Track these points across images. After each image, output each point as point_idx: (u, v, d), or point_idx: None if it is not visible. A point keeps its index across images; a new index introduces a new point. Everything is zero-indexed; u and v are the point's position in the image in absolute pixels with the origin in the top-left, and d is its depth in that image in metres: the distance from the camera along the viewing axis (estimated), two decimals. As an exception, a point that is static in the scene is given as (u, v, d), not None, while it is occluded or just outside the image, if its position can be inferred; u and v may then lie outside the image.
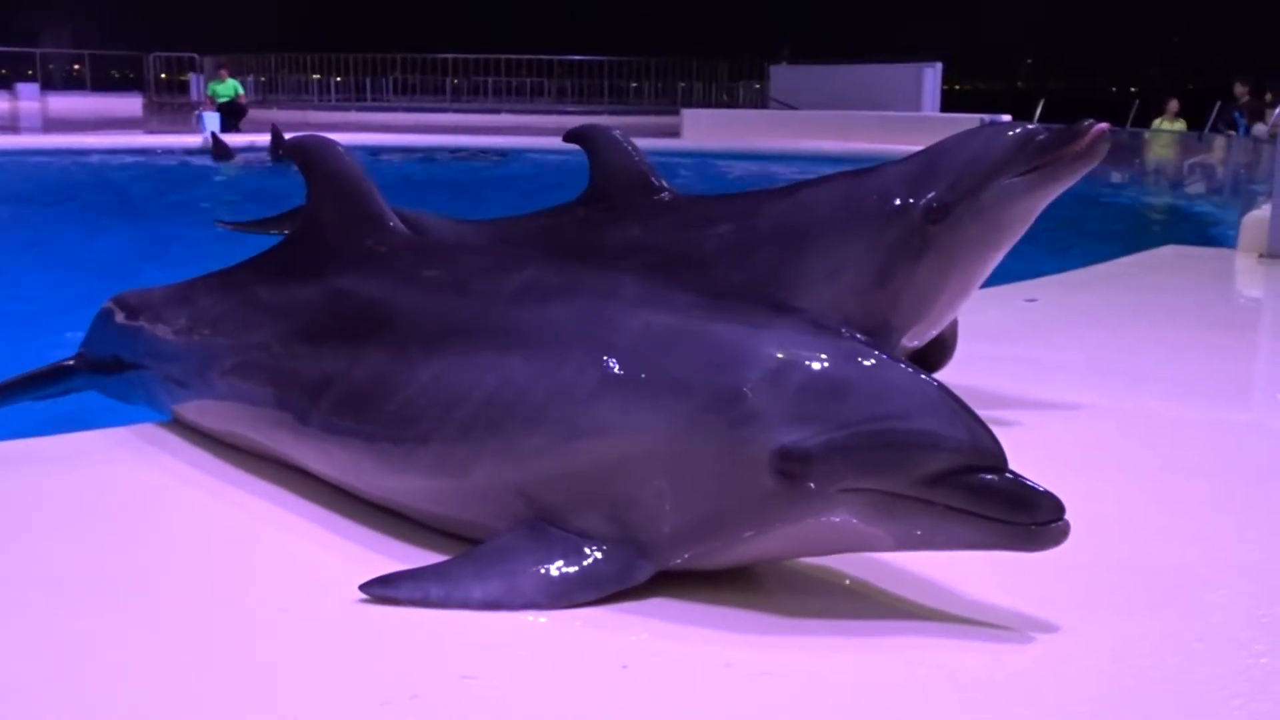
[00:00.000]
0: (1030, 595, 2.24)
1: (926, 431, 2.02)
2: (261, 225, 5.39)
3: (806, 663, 2.02)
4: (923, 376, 2.13)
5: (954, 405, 2.07)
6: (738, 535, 2.16)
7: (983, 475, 2.00)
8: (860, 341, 2.17)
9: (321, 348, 2.71)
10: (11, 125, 26.75)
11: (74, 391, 3.67)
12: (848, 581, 2.32)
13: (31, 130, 25.24)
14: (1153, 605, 2.28)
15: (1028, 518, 1.99)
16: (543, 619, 2.14)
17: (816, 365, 2.10)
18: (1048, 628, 2.13)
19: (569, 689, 1.94)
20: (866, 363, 2.10)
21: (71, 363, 3.64)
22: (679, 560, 2.22)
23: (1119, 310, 5.66)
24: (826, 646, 2.08)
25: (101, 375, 3.56)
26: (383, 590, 2.19)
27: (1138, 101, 22.15)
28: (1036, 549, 2.02)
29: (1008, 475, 2.01)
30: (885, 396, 2.06)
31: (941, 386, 2.11)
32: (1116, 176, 16.18)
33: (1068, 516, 2.01)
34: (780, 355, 2.12)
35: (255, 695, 1.92)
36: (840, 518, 2.06)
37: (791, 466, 2.04)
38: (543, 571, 2.19)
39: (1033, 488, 2.00)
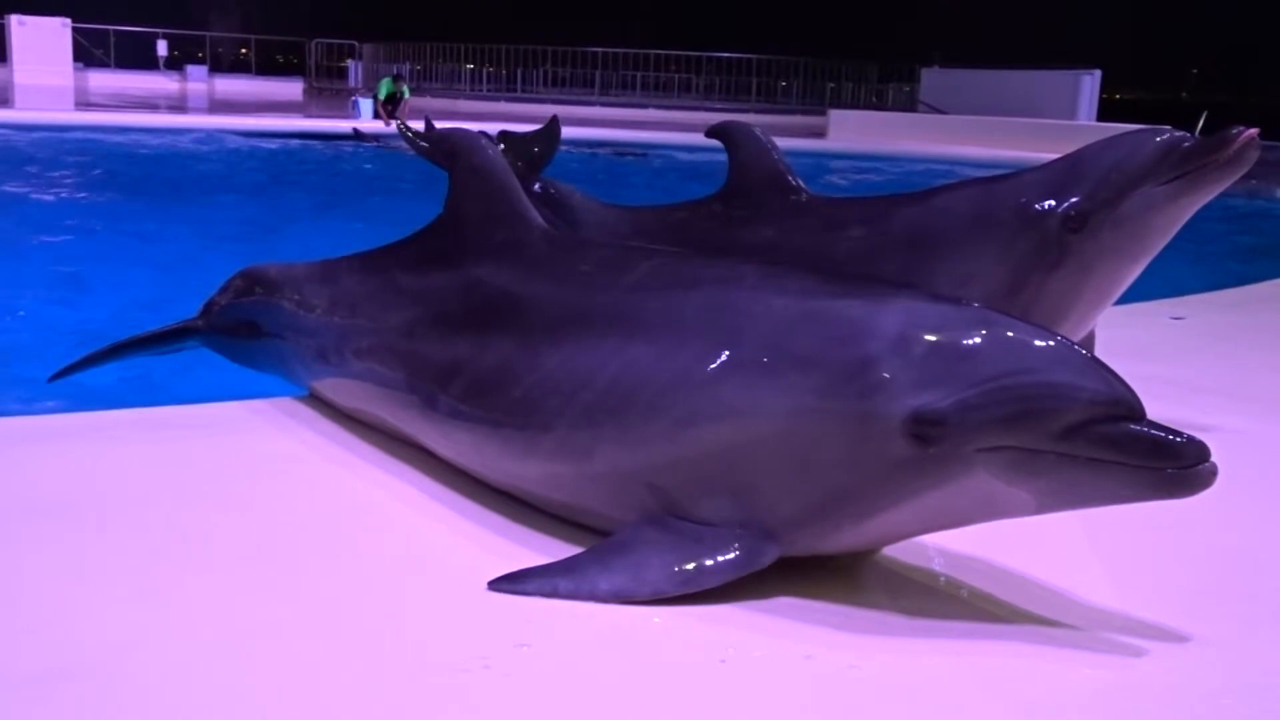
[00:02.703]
0: (1152, 616, 2.19)
1: (1061, 383, 1.99)
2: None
3: (909, 664, 2.01)
4: (1049, 332, 2.10)
5: (1085, 357, 2.04)
6: (872, 509, 2.14)
7: (1122, 424, 1.96)
8: (982, 307, 2.15)
9: (452, 335, 2.78)
10: (180, 105, 27.90)
11: (188, 350, 3.81)
12: (964, 593, 2.30)
13: (199, 110, 26.26)
14: (1281, 637, 2.20)
15: (1173, 462, 1.93)
16: (639, 612, 2.16)
17: (940, 330, 2.09)
18: (1165, 648, 2.07)
19: (660, 682, 1.95)
20: (991, 324, 2.09)
21: (196, 324, 3.77)
22: (808, 542, 2.22)
23: (1272, 333, 5.44)
24: (935, 649, 2.06)
25: (228, 339, 3.68)
26: (511, 586, 2.23)
27: (1308, 117, 21.17)
28: (1184, 494, 1.96)
29: (1146, 423, 1.97)
30: (1014, 353, 2.04)
31: (1070, 341, 2.08)
32: (1281, 193, 15.52)
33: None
34: (903, 324, 2.11)
35: (361, 659, 1.98)
36: (979, 481, 2.03)
37: (925, 430, 2.02)
38: (668, 560, 2.20)
39: (1174, 432, 1.95)
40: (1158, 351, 4.69)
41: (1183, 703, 1.94)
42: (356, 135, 18.81)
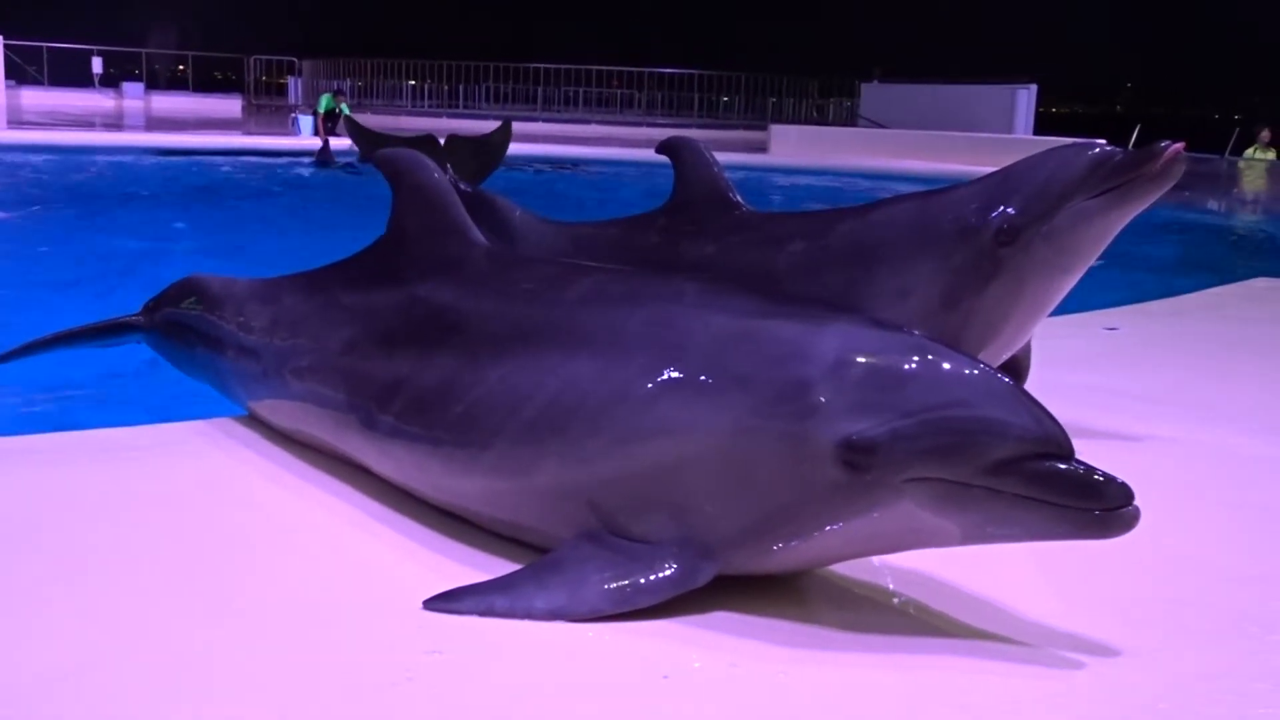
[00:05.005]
0: (1088, 624, 2.22)
1: (992, 419, 2.02)
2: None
3: (857, 679, 2.03)
4: (985, 366, 2.13)
5: (1018, 394, 2.07)
6: (803, 531, 2.16)
7: (1049, 462, 1.99)
8: (921, 336, 2.18)
9: (393, 353, 2.77)
10: (117, 123, 27.50)
11: (125, 345, 3.86)
12: (910, 608, 2.32)
13: (135, 128, 25.89)
14: (1214, 642, 2.25)
15: (1097, 504, 1.97)
16: (581, 629, 2.16)
17: (878, 357, 2.11)
18: (1102, 657, 2.11)
19: (601, 699, 1.96)
20: (928, 354, 2.11)
21: (138, 320, 3.80)
22: (742, 561, 2.23)
23: (1204, 342, 5.53)
24: (880, 664, 2.08)
25: (167, 342, 3.71)
26: (447, 605, 2.22)
27: (1237, 130, 21.67)
28: (1106, 535, 1.99)
29: (1075, 462, 2.00)
30: (949, 385, 2.07)
31: (1005, 377, 2.11)
32: (1213, 205, 15.86)
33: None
34: (841, 349, 2.13)
35: (291, 678, 1.97)
36: (906, 510, 2.06)
37: (857, 457, 2.04)
38: (605, 578, 2.21)
39: (1101, 473, 1.98)
40: (1092, 361, 4.77)
41: (1120, 710, 1.97)
42: (321, 156, 18.30)
